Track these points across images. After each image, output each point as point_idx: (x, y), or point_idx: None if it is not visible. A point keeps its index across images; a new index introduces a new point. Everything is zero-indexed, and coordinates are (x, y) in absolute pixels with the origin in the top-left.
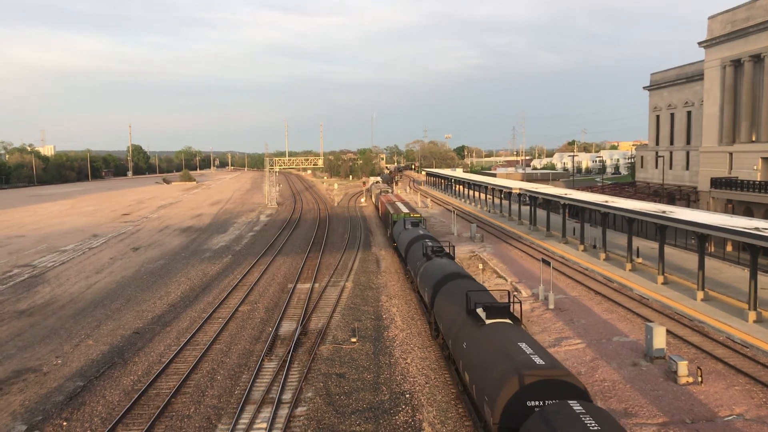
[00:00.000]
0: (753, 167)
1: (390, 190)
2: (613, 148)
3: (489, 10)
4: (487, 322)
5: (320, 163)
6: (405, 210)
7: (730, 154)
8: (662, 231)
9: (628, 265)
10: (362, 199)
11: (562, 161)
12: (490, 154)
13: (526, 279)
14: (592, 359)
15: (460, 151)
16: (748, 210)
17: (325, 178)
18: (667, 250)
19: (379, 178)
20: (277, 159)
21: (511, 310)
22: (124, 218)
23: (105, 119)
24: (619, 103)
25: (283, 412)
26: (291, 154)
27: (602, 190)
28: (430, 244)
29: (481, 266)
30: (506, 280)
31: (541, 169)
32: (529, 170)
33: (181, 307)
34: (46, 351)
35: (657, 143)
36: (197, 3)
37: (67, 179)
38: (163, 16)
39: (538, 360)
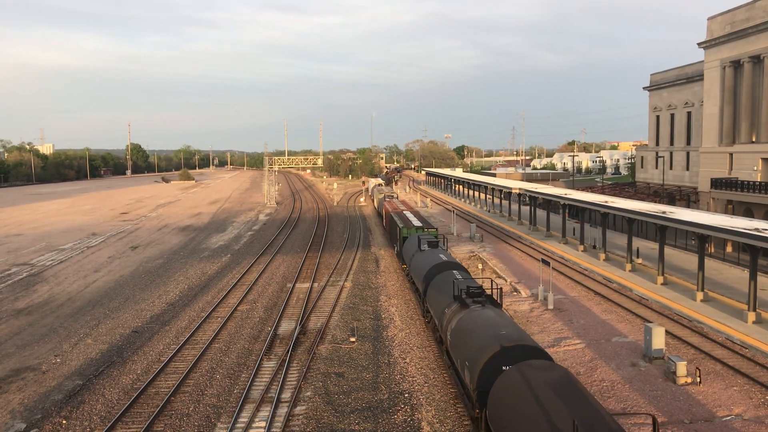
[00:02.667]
0: (753, 168)
1: (394, 195)
2: (613, 148)
3: (488, 10)
4: None
5: (320, 162)
6: (417, 222)
7: (730, 154)
8: (662, 231)
9: (628, 266)
10: (361, 199)
11: (562, 161)
12: (489, 154)
13: (526, 279)
14: (591, 359)
15: (460, 151)
16: (748, 211)
17: (325, 177)
18: (667, 250)
19: (380, 180)
20: (276, 158)
21: None
22: (123, 217)
23: (104, 118)
24: (619, 103)
25: (282, 411)
26: (290, 154)
27: (602, 191)
28: (460, 278)
29: (480, 266)
30: (506, 281)
31: (541, 169)
32: (528, 170)
33: (180, 306)
34: (45, 350)
35: (657, 143)
36: (197, 3)
37: (65, 178)
38: (163, 16)
39: None
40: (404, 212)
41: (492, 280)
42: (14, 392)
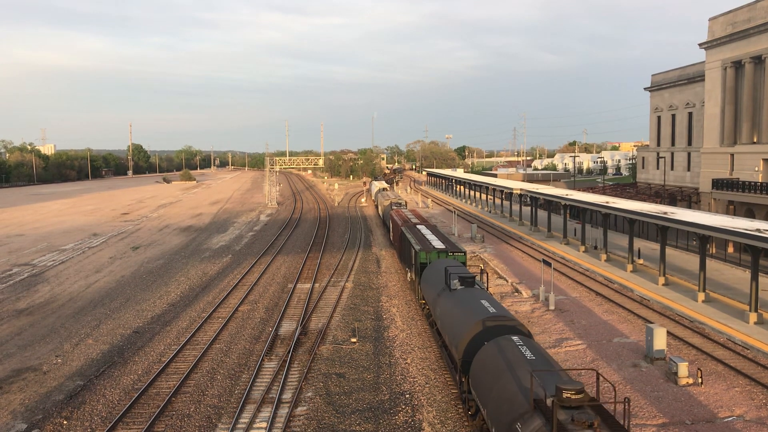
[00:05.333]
0: (754, 168)
1: (402, 202)
2: (615, 148)
3: (489, 11)
4: None
5: (321, 162)
6: (438, 243)
7: (732, 155)
8: (663, 232)
9: (629, 266)
10: (362, 199)
11: (563, 162)
12: (491, 155)
13: (527, 280)
14: (592, 360)
15: (461, 152)
16: (749, 211)
17: (326, 177)
18: (669, 251)
19: (385, 184)
20: (277, 159)
21: None
22: (124, 217)
23: (105, 118)
24: (620, 104)
25: (283, 411)
26: (291, 154)
27: (603, 191)
28: (533, 357)
29: (482, 266)
30: (507, 281)
31: (542, 169)
32: (530, 171)
33: (181, 306)
34: (46, 350)
35: (658, 144)
36: (198, 3)
37: (67, 178)
38: (164, 16)
39: None
40: (418, 226)
41: (597, 373)
42: (15, 392)
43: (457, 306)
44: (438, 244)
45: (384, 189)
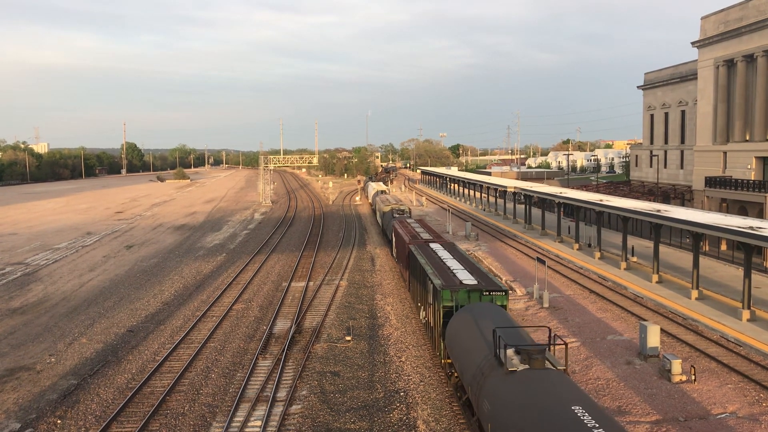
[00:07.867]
0: (747, 166)
1: (406, 210)
2: (608, 146)
3: (482, 10)
4: None
5: (315, 161)
6: (465, 275)
7: (724, 153)
8: (657, 230)
9: (623, 264)
10: (357, 198)
11: (557, 160)
12: (485, 153)
13: (521, 278)
14: (586, 357)
15: (455, 150)
16: (742, 209)
17: (320, 176)
18: (662, 249)
19: (382, 185)
20: (271, 157)
21: None
22: (118, 216)
23: (99, 117)
24: (613, 102)
25: (278, 410)
26: (286, 152)
27: (597, 189)
28: None
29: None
30: (501, 279)
31: (536, 167)
32: (524, 169)
33: (175, 305)
34: (40, 349)
35: (651, 142)
36: (192, 2)
37: (60, 177)
38: (158, 15)
39: None
40: (431, 245)
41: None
42: (9, 392)
43: (525, 410)
44: (466, 276)
45: (382, 191)
